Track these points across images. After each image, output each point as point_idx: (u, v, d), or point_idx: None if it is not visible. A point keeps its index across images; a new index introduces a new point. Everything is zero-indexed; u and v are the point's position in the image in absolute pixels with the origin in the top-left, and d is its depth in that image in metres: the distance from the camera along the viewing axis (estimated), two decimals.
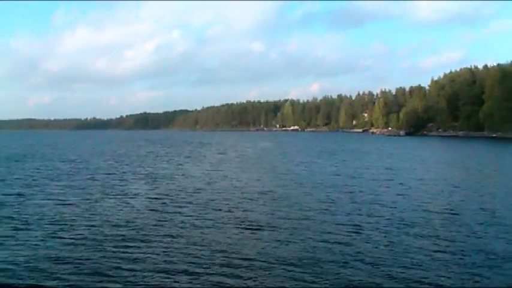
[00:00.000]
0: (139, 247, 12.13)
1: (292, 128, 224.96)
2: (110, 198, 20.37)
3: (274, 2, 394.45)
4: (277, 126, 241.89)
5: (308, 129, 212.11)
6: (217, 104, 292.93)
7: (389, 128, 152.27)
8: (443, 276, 9.94)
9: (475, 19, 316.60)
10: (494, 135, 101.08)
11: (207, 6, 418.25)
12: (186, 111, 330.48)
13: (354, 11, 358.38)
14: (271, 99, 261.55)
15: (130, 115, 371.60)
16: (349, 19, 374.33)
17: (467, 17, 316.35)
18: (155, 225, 14.78)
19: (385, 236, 13.33)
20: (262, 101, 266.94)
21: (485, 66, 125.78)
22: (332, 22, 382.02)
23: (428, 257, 11.27)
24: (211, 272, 10.20)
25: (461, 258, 11.23)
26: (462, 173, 32.13)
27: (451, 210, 17.37)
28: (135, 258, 11.12)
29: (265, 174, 30.61)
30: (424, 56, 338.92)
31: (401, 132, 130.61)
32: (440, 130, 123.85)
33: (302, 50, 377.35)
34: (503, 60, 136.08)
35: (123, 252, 11.64)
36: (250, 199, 19.88)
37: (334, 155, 50.13)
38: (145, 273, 10.04)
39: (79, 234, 13.48)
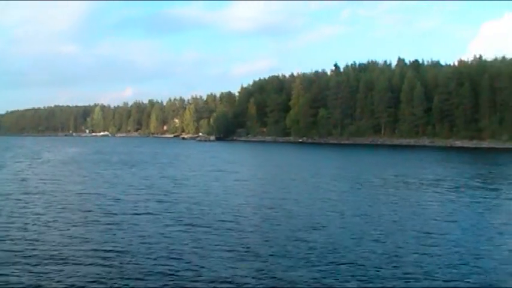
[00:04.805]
0: None
1: (102, 133, 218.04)
2: None
3: (90, 4, 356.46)
4: (87, 131, 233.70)
5: (119, 135, 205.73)
6: (23, 108, 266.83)
7: (200, 134, 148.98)
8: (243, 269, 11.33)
9: (284, 30, 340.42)
10: (300, 140, 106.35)
11: (15, 5, 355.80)
12: None
13: (169, 18, 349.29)
14: (81, 103, 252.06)
15: None
16: (165, 26, 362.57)
17: (277, 28, 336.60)
18: None
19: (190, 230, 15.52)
20: (71, 105, 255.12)
21: (292, 75, 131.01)
22: (148, 28, 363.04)
23: (227, 251, 12.79)
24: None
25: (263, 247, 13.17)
26: (270, 173, 36.29)
27: (260, 204, 20.32)
28: None
29: (78, 179, 31.39)
30: (236, 64, 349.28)
31: (212, 138, 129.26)
32: (249, 135, 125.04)
33: (116, 55, 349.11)
34: (308, 70, 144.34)
35: None
36: (60, 201, 21.40)
37: (147, 161, 50.19)
38: None
39: None
